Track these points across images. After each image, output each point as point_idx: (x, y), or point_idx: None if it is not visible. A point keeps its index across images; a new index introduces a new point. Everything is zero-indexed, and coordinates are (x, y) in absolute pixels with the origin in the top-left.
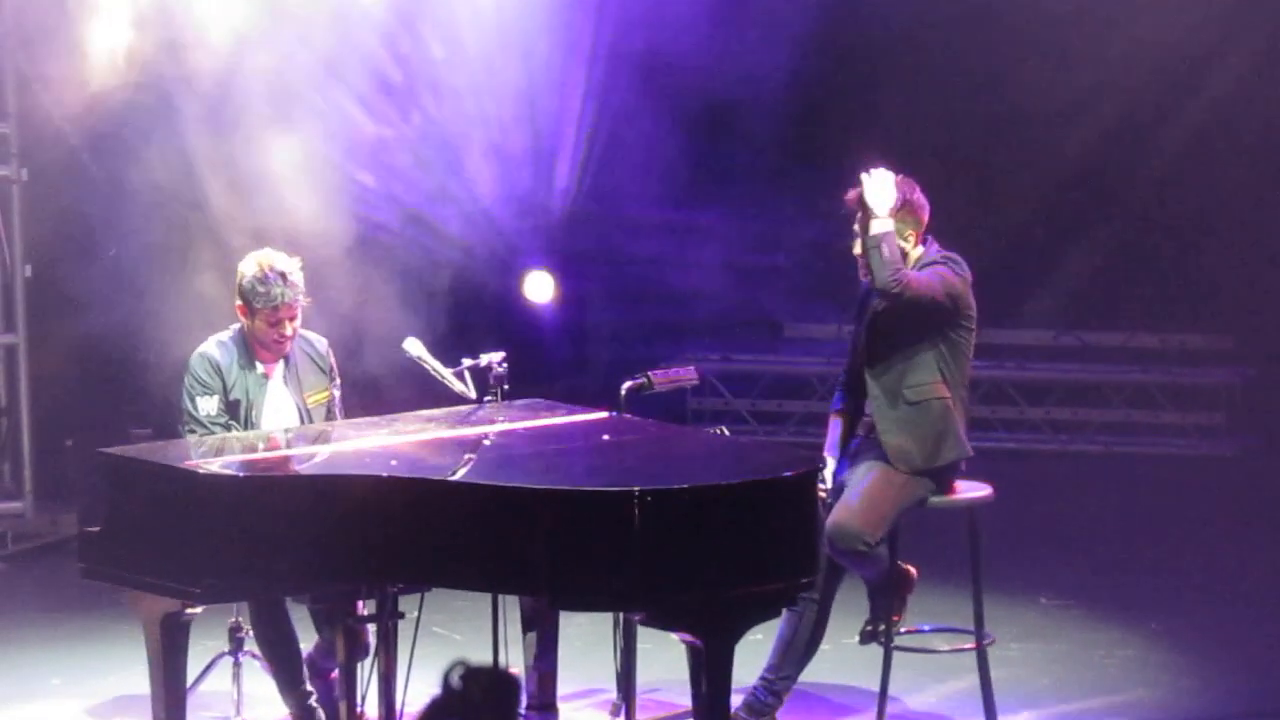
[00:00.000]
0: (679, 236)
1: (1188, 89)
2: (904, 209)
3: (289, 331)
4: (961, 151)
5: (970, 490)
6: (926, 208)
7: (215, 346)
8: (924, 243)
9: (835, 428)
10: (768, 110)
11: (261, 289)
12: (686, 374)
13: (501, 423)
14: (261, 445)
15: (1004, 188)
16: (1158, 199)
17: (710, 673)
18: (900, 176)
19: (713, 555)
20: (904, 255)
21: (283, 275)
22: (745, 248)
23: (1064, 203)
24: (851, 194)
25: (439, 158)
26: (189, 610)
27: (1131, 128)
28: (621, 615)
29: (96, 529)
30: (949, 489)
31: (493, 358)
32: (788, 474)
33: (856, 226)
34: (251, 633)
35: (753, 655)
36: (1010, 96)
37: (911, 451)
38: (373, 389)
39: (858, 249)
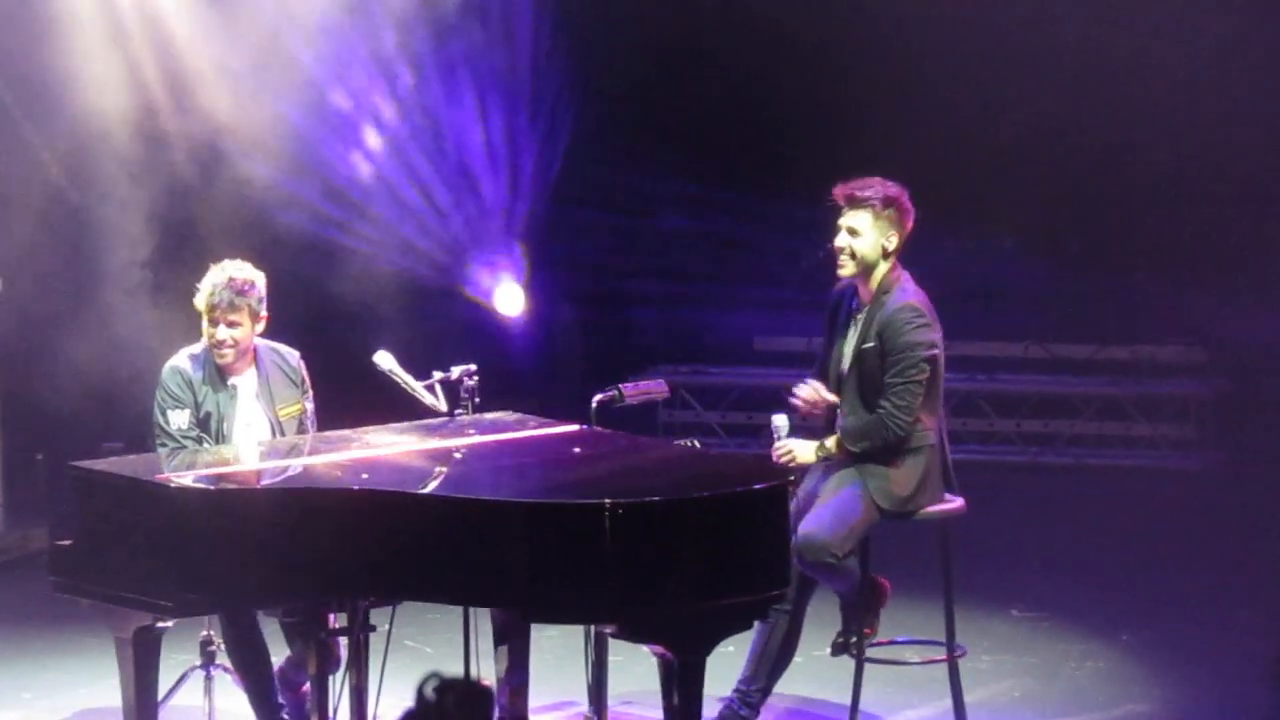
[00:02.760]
0: (649, 249)
1: (1161, 104)
2: (891, 208)
3: (223, 336)
4: (932, 165)
5: (942, 503)
6: (911, 215)
7: (186, 359)
8: (898, 264)
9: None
10: (738, 122)
11: (204, 286)
12: (657, 387)
13: (472, 436)
14: (233, 458)
15: (975, 200)
16: (1129, 211)
17: (682, 685)
18: (894, 183)
19: (684, 568)
20: (886, 255)
21: (229, 280)
22: (716, 260)
23: (1035, 215)
24: (837, 189)
25: (411, 169)
26: (160, 624)
27: (1104, 141)
28: (593, 627)
29: (68, 543)
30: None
31: (463, 370)
32: (759, 486)
33: (840, 221)
34: (223, 646)
35: (724, 668)
36: (981, 111)
37: (894, 494)
38: (344, 402)
39: (840, 241)
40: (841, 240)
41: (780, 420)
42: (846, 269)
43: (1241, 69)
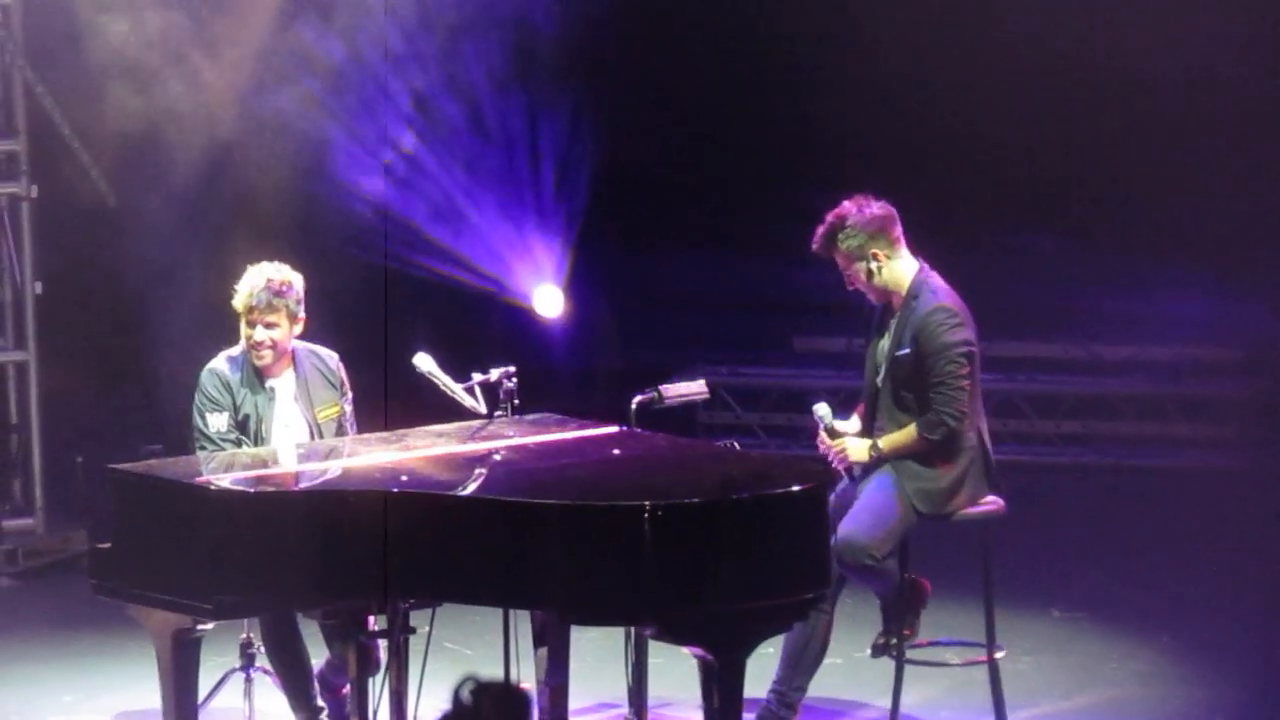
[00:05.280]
0: (688, 250)
1: (1199, 102)
2: (848, 232)
3: (261, 338)
4: (971, 166)
5: (981, 504)
6: (888, 217)
7: (224, 362)
8: (923, 266)
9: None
10: (763, 124)
11: (242, 287)
12: (696, 388)
13: (512, 437)
14: (272, 461)
15: (1011, 200)
16: (1169, 210)
17: (722, 687)
18: (851, 200)
19: (724, 569)
20: (881, 271)
21: (266, 281)
22: (755, 261)
23: (1074, 214)
24: (813, 246)
25: (449, 173)
26: (200, 626)
27: (1143, 140)
28: (633, 629)
29: (107, 545)
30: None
31: (503, 372)
32: (798, 488)
33: (840, 264)
34: (263, 648)
35: (763, 669)
36: (1019, 112)
37: (932, 494)
38: (383, 404)
39: (847, 284)
40: (847, 283)
41: (822, 409)
42: (872, 297)
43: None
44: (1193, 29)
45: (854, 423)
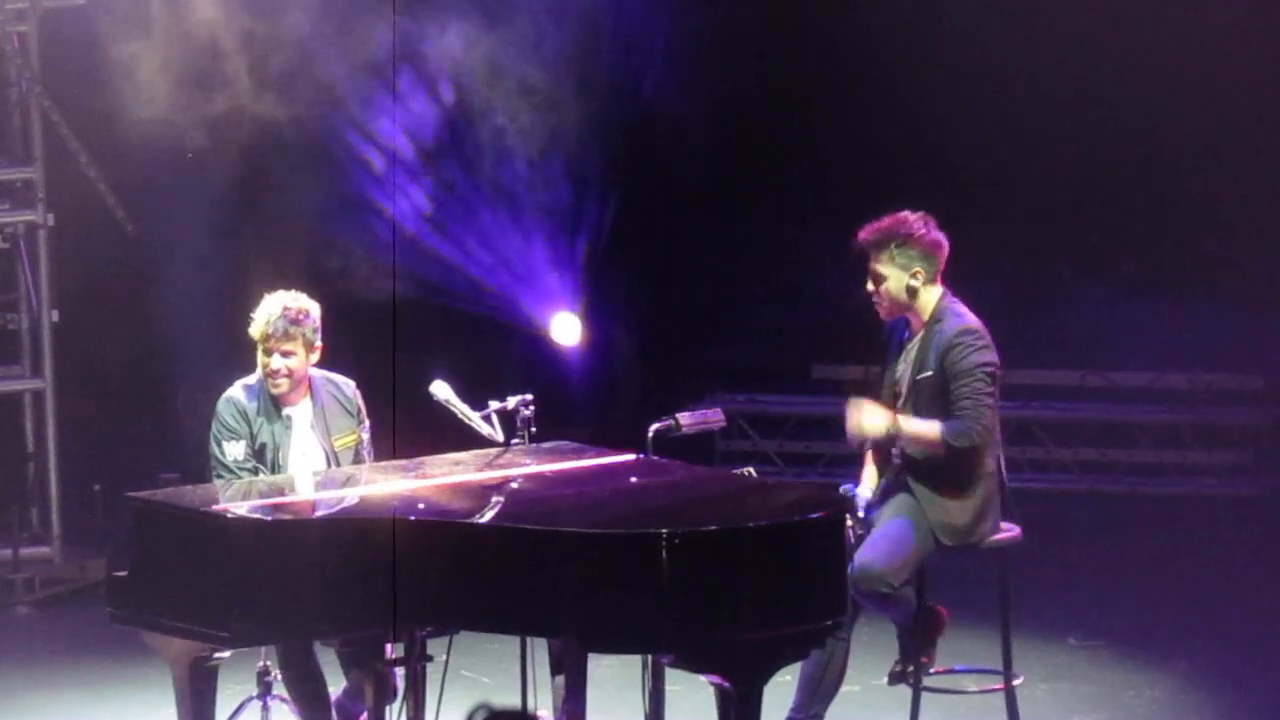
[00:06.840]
0: (705, 279)
1: (1218, 128)
2: (906, 244)
3: (277, 365)
4: (986, 190)
5: (999, 531)
6: (944, 247)
7: (241, 390)
8: (947, 292)
9: (869, 463)
10: (787, 151)
11: (259, 316)
12: (714, 416)
13: (529, 465)
14: (289, 489)
15: (1030, 226)
16: (1186, 237)
17: (740, 714)
18: (919, 214)
19: (741, 597)
20: (914, 293)
21: (283, 309)
22: (772, 288)
23: (1090, 241)
24: (861, 234)
25: (468, 201)
26: (217, 654)
27: (1161, 167)
28: (650, 657)
29: (125, 573)
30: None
31: (520, 400)
32: (816, 515)
33: (870, 265)
34: (279, 676)
35: (780, 696)
36: (1036, 131)
37: (956, 527)
38: (400, 432)
39: (869, 286)
40: (869, 285)
41: (847, 489)
42: (882, 311)
43: None
44: (1212, 57)
45: (869, 479)
